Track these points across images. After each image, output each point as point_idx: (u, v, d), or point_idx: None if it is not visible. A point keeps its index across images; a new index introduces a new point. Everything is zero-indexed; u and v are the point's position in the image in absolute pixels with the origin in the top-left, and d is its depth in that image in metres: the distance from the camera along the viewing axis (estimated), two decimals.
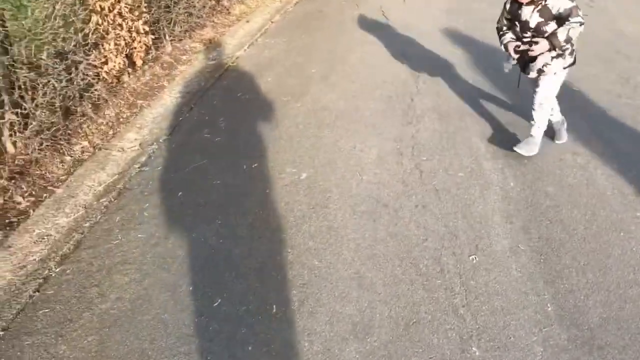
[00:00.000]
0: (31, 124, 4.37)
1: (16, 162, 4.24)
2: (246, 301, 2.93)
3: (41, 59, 4.39)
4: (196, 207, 3.79)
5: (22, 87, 4.27)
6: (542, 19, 3.76)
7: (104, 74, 5.34)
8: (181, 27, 7.24)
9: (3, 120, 4.07)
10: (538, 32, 3.81)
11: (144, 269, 3.21)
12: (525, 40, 3.88)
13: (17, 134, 4.24)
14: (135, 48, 5.89)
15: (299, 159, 4.34)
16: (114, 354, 2.64)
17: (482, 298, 2.97)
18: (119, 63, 5.48)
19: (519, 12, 3.86)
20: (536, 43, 3.78)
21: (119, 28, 5.50)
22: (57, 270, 3.27)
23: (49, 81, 4.42)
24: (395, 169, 4.14)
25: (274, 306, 2.88)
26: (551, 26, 3.75)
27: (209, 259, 3.27)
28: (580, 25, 3.64)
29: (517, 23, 3.91)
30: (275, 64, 6.39)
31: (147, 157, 4.53)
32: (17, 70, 4.15)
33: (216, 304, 2.92)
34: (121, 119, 5.35)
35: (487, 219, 3.58)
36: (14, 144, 4.31)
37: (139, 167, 4.39)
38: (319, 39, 7.15)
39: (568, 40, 3.70)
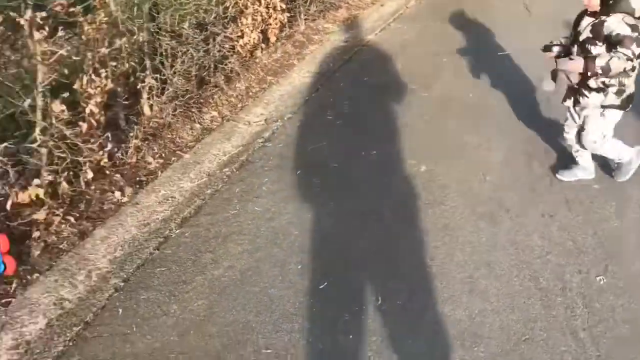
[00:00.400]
0: (168, 89, 4.58)
1: (151, 124, 4.48)
2: (352, 289, 2.89)
3: (183, 28, 4.58)
4: (313, 187, 3.80)
5: (164, 54, 4.48)
6: (592, 36, 3.28)
7: (238, 48, 5.49)
8: (316, 6, 7.28)
9: (144, 84, 4.29)
10: (582, 49, 3.34)
11: (257, 242, 3.26)
12: (570, 56, 3.42)
13: (155, 98, 4.46)
14: (270, 24, 5.99)
15: (421, 150, 4.21)
16: (220, 321, 2.71)
17: (607, 324, 2.72)
18: (254, 38, 5.59)
19: (580, 21, 3.42)
20: (572, 59, 3.32)
21: (257, 3, 5.61)
22: (177, 232, 3.41)
23: (188, 50, 4.61)
24: (523, 173, 3.89)
25: (380, 298, 2.81)
26: (597, 49, 3.25)
27: (319, 241, 3.26)
28: (628, 60, 3.10)
29: (573, 34, 3.50)
30: (406, 50, 6.24)
31: (270, 133, 4.61)
32: (160, 37, 4.36)
33: (322, 287, 2.91)
34: (250, 93, 5.48)
35: (621, 237, 3.27)
36: (151, 107, 4.55)
37: (262, 142, 4.47)
38: (454, 26, 6.88)
39: (606, 70, 3.16)
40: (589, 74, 3.25)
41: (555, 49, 3.49)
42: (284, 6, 6.09)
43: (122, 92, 4.18)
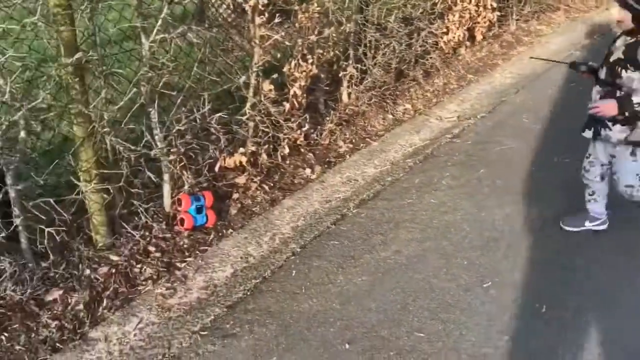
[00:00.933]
0: (366, 79, 4.81)
1: (346, 110, 4.75)
2: (515, 292, 2.82)
3: (388, 21, 4.76)
4: (493, 187, 3.74)
5: (367, 45, 4.71)
6: (623, 57, 2.71)
7: (442, 44, 5.54)
8: (531, 7, 7.01)
9: (345, 72, 4.56)
10: (611, 72, 2.76)
11: (427, 232, 3.33)
12: (597, 88, 2.88)
13: (353, 86, 4.71)
14: (478, 22, 5.93)
15: None
16: (380, 298, 2.84)
17: None
18: (459, 35, 5.59)
19: (616, 40, 2.85)
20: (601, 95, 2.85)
21: (467, 1, 5.59)
22: (354, 211, 3.61)
23: (390, 43, 4.78)
24: None
25: (544, 306, 2.70)
26: (628, 76, 2.68)
27: (491, 241, 3.22)
28: None
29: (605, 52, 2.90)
30: None
31: (460, 130, 4.60)
32: (366, 29, 4.59)
33: (485, 285, 2.88)
34: (447, 90, 5.50)
35: None
36: (349, 95, 4.82)
37: (450, 137, 4.49)
38: None
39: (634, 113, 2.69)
40: (626, 114, 2.72)
41: (583, 68, 2.99)
42: (494, 5, 5.98)
43: (325, 78, 4.50)
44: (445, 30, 5.49)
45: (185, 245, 3.37)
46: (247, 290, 2.98)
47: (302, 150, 4.27)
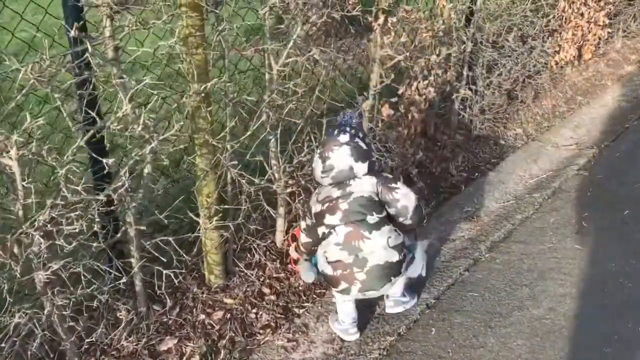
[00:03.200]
0: (479, 101, 4.41)
1: (457, 135, 4.36)
2: None
3: (507, 39, 4.35)
4: None
5: (483, 64, 4.31)
6: None
7: (552, 63, 5.09)
8: (637, 21, 6.47)
9: (458, 94, 4.18)
10: None
11: (581, 286, 2.91)
12: None
13: (468, 109, 4.32)
14: (588, 40, 5.46)
15: None
16: None
17: None
18: (572, 54, 5.13)
19: None
20: None
21: (580, 17, 5.13)
22: (487, 255, 3.21)
23: (507, 63, 4.38)
24: None
25: None
26: None
27: None
28: None
29: None
30: None
31: (585, 161, 4.15)
32: (483, 47, 4.19)
33: None
34: (557, 113, 5.05)
35: None
36: (459, 116, 4.43)
37: (576, 169, 4.05)
38: None
39: None
40: None
41: None
42: (607, 21, 5.49)
43: (438, 101, 4.12)
44: (557, 48, 5.03)
45: (300, 288, 3.05)
46: (383, 350, 2.62)
47: (414, 179, 3.90)
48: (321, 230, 2.60)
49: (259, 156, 2.89)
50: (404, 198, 2.60)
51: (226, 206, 2.77)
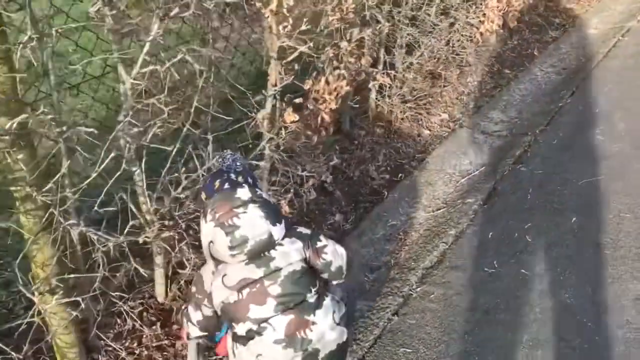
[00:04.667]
0: (398, 87, 3.80)
1: (376, 128, 3.75)
2: None
3: (427, 14, 3.73)
4: (599, 249, 2.80)
5: (401, 46, 3.68)
6: None
7: (477, 35, 4.54)
8: None
9: (375, 82, 3.54)
10: None
11: (534, 330, 2.40)
12: None
13: (385, 98, 3.71)
14: (513, 6, 4.94)
15: None
16: None
17: None
18: (497, 23, 4.59)
19: None
20: None
21: None
22: (419, 290, 2.66)
23: (428, 41, 3.77)
24: None
25: None
26: None
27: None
28: None
29: None
30: None
31: (521, 151, 3.66)
32: (402, 26, 3.55)
33: None
34: (484, 90, 4.54)
35: None
36: (376, 107, 3.82)
37: (512, 163, 3.54)
38: None
39: None
40: None
41: None
42: None
43: (352, 92, 3.47)
44: (482, 18, 4.48)
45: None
46: None
47: (328, 188, 3.27)
48: (243, 328, 1.79)
49: (119, 196, 2.14)
50: (335, 257, 1.88)
51: (73, 275, 2.02)
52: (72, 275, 2.03)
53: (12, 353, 1.84)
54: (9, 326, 1.89)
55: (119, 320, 2.39)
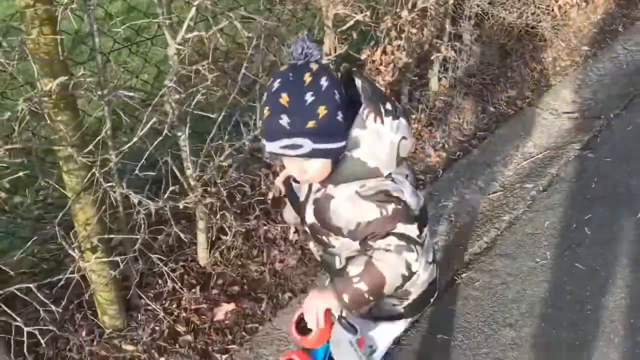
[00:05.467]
0: (464, 60, 3.63)
1: (436, 104, 3.60)
2: None
3: None
4: None
5: (467, 17, 3.49)
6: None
7: (555, 8, 4.25)
8: None
9: (439, 54, 3.39)
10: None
11: (584, 330, 2.26)
12: None
13: (449, 71, 3.55)
14: None
15: None
16: None
17: None
18: None
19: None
20: None
21: None
22: (464, 275, 2.56)
23: (499, 12, 3.56)
24: None
25: None
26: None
27: None
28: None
29: None
30: None
31: (590, 136, 3.43)
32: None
33: None
34: (558, 68, 4.28)
35: None
36: (440, 81, 3.66)
37: (579, 148, 3.33)
38: None
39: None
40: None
41: None
42: None
43: (413, 64, 3.34)
44: None
45: (227, 322, 2.40)
46: None
47: None
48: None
49: (163, 160, 2.16)
50: None
51: (113, 236, 2.07)
52: (112, 236, 2.07)
53: (52, 306, 1.90)
54: (50, 280, 1.95)
55: (159, 282, 2.44)
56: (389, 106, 1.34)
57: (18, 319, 1.73)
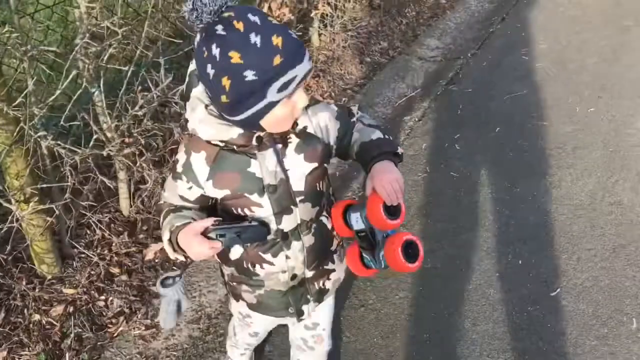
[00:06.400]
0: (340, 17, 4.02)
1: (319, 57, 3.98)
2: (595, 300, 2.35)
3: None
4: (518, 152, 3.16)
5: None
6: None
7: None
8: None
9: (317, 11, 3.75)
10: None
11: (460, 221, 2.75)
12: None
13: (327, 27, 3.93)
14: None
15: None
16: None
17: None
18: None
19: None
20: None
21: None
22: (359, 194, 2.96)
23: None
24: None
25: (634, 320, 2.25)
26: None
27: (540, 228, 2.69)
28: None
29: None
30: None
31: (453, 73, 3.97)
32: None
33: (553, 294, 2.38)
34: (421, 20, 4.80)
35: None
36: (320, 37, 4.04)
37: (444, 84, 3.85)
38: None
39: None
40: None
41: None
42: None
43: (295, 21, 3.67)
44: None
45: (157, 260, 2.64)
46: None
47: None
48: None
49: (81, 116, 2.34)
50: None
51: (45, 185, 2.24)
52: (44, 185, 2.25)
53: None
54: None
55: (88, 231, 2.62)
56: None
57: None
